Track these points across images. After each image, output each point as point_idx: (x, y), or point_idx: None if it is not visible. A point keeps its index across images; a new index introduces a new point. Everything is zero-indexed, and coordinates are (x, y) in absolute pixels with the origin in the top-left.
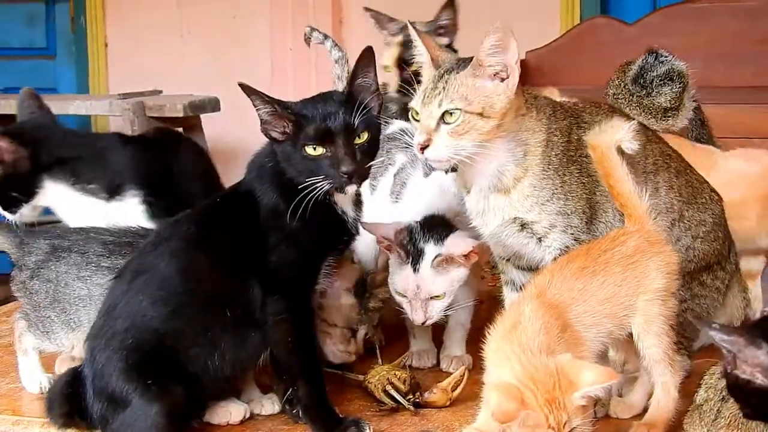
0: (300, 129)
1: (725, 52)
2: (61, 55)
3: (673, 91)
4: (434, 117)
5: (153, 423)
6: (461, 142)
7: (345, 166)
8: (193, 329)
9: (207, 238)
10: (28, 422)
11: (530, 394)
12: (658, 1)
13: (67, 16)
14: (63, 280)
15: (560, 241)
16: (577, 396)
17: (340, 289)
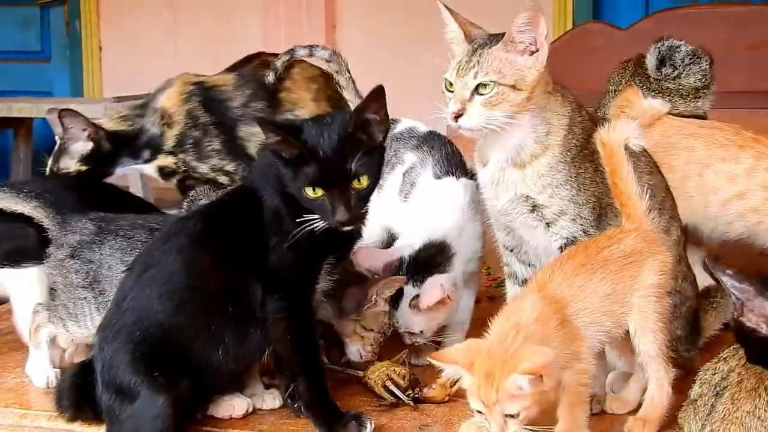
0: (302, 163)
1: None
2: (56, 58)
3: (702, 69)
4: (469, 88)
5: (159, 414)
6: (493, 112)
7: (340, 215)
8: (196, 324)
9: (212, 235)
10: (35, 415)
11: (479, 361)
12: (650, 6)
13: (61, 20)
14: (107, 262)
15: (568, 230)
16: (508, 381)
17: (381, 297)
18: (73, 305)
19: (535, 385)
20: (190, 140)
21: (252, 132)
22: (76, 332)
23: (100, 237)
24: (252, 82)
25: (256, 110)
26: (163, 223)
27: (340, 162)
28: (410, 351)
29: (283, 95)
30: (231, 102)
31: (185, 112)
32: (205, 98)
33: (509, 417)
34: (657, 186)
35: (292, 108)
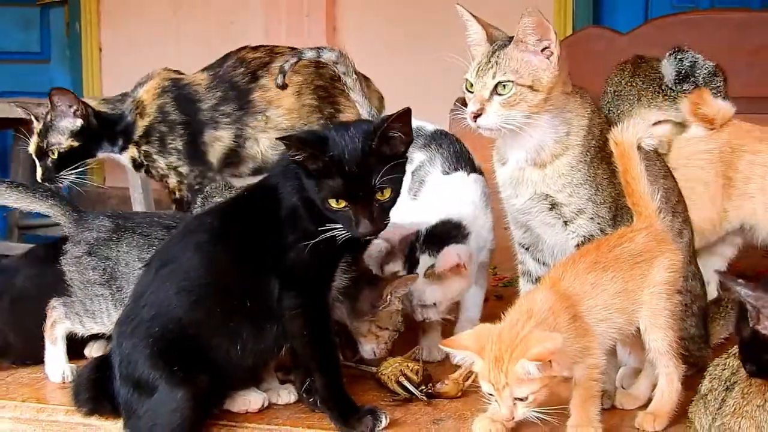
0: (326, 175)
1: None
2: (56, 59)
3: (718, 84)
4: (488, 88)
5: (178, 408)
6: (512, 112)
7: (363, 228)
8: (214, 319)
9: (230, 231)
10: (52, 410)
11: (489, 346)
12: (650, 12)
13: (61, 21)
14: (124, 259)
15: (586, 228)
16: (516, 366)
17: (395, 297)
18: (90, 302)
19: (544, 370)
20: (157, 134)
21: (216, 136)
22: (93, 328)
23: (117, 234)
24: (224, 83)
25: (223, 114)
26: (179, 220)
27: (364, 176)
28: (422, 347)
29: (256, 95)
30: (201, 104)
31: (157, 106)
32: (178, 95)
33: (519, 400)
34: (671, 189)
35: (266, 108)
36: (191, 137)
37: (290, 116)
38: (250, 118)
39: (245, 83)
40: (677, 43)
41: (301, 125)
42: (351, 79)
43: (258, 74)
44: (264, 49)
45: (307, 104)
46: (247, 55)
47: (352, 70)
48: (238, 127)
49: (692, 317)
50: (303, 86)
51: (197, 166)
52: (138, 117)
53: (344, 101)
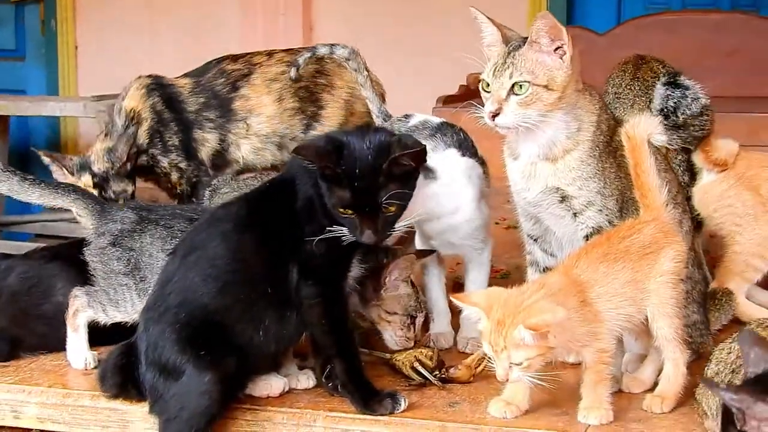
0: (338, 184)
1: (692, 63)
2: (31, 56)
3: (702, 123)
4: (505, 88)
5: (207, 390)
6: (528, 111)
7: (366, 238)
8: (239, 306)
9: (254, 221)
10: (78, 395)
11: (495, 308)
12: (622, 13)
13: (37, 18)
14: (147, 250)
15: (594, 219)
16: (514, 331)
17: (399, 280)
18: (114, 291)
19: (540, 340)
20: (158, 135)
21: (204, 137)
22: (116, 317)
23: (141, 226)
24: (207, 91)
25: (207, 119)
26: (201, 213)
27: (372, 192)
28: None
29: (237, 105)
30: (186, 105)
31: (149, 107)
32: (164, 94)
33: (514, 364)
34: (671, 182)
35: (246, 116)
36: (184, 133)
37: (271, 123)
38: (233, 125)
39: (226, 93)
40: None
41: (284, 129)
42: (362, 77)
43: (238, 84)
44: (243, 61)
45: (289, 108)
46: (227, 67)
47: (364, 67)
48: (221, 133)
49: (693, 303)
50: (283, 91)
51: (192, 161)
52: (137, 126)
53: (327, 96)
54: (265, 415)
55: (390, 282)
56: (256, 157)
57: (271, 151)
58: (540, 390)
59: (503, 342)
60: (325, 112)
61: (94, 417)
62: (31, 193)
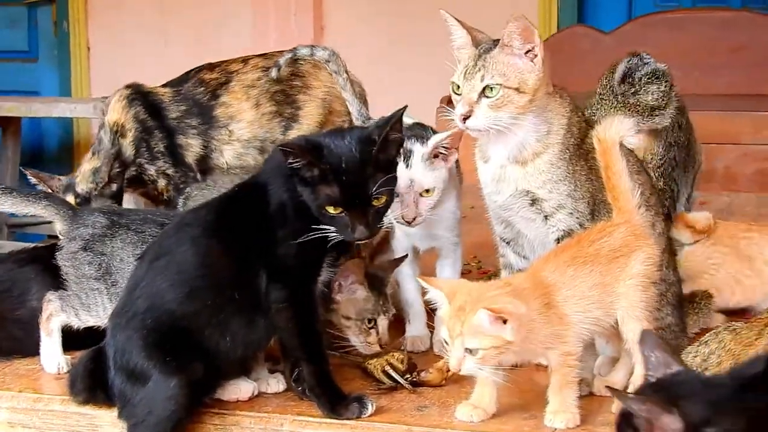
0: (323, 183)
1: (699, 61)
2: (44, 58)
3: (660, 90)
4: (476, 90)
5: (172, 395)
6: (499, 113)
7: (358, 234)
8: (205, 311)
9: (222, 226)
10: (49, 399)
11: (459, 296)
12: (633, 11)
13: (49, 20)
14: (118, 255)
15: (565, 222)
16: (471, 317)
17: (355, 284)
18: (85, 296)
19: (497, 328)
20: (143, 144)
21: (188, 143)
22: (89, 321)
23: (112, 231)
24: (187, 99)
25: (189, 126)
26: (172, 218)
27: (361, 184)
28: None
29: (219, 111)
30: (168, 112)
31: (132, 117)
32: (145, 102)
33: (468, 352)
34: (644, 184)
35: (228, 122)
36: (169, 140)
37: (251, 128)
38: (215, 131)
39: (207, 100)
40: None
41: (263, 133)
42: (342, 78)
43: (218, 92)
44: (219, 69)
45: (267, 112)
46: (205, 77)
47: (344, 69)
48: (204, 139)
49: (667, 306)
50: (260, 97)
51: (179, 167)
52: (121, 138)
53: (303, 97)
54: (233, 419)
55: (346, 286)
56: (239, 161)
57: (252, 156)
58: (508, 394)
59: (460, 327)
60: (302, 112)
61: (64, 422)
62: (3, 202)
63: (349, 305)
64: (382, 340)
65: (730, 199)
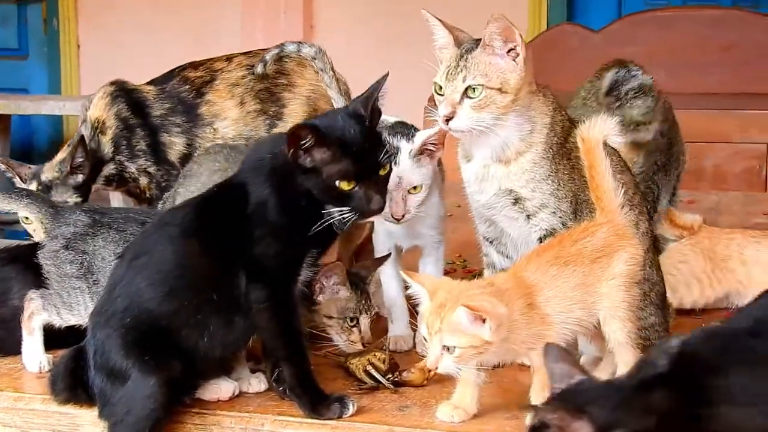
0: (333, 160)
1: (689, 59)
2: (33, 55)
3: (646, 105)
4: (458, 91)
5: (150, 394)
6: (482, 114)
7: (376, 204)
8: (184, 311)
9: (200, 226)
10: (29, 398)
11: (440, 293)
12: (623, 8)
13: (39, 18)
14: (100, 254)
15: (548, 221)
16: (450, 314)
17: (338, 284)
18: (67, 294)
19: (476, 327)
20: (124, 142)
21: (171, 141)
22: (70, 320)
23: (94, 229)
24: (172, 98)
25: (174, 123)
26: (154, 216)
27: (368, 155)
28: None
29: (203, 109)
30: (151, 110)
31: (114, 115)
32: (129, 99)
33: (446, 350)
34: (627, 183)
35: (212, 121)
36: (152, 137)
37: (236, 126)
38: (200, 129)
39: (191, 98)
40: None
41: (248, 132)
42: (328, 76)
43: (203, 90)
44: (204, 68)
45: (252, 110)
46: (190, 75)
47: (330, 67)
48: (188, 137)
49: (651, 306)
50: (245, 95)
51: (162, 164)
52: (101, 135)
53: (288, 95)
54: (213, 419)
55: (328, 287)
56: None
57: None
58: (490, 393)
59: (439, 324)
60: (287, 110)
61: (45, 421)
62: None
63: (331, 305)
64: (364, 338)
65: (718, 198)
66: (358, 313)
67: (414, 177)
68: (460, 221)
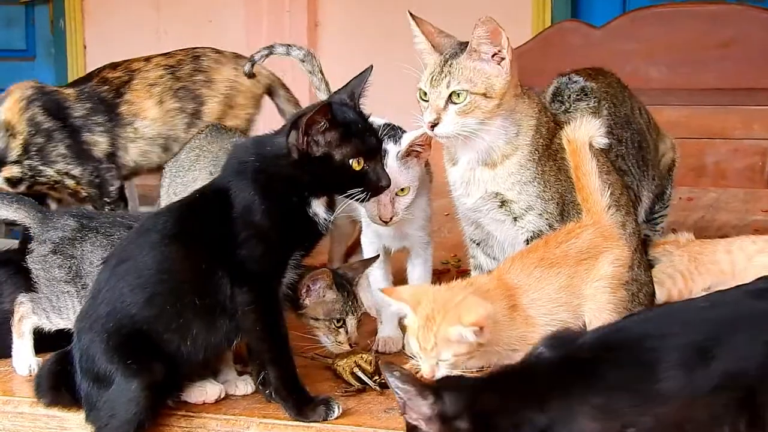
0: (343, 141)
1: (689, 55)
2: (41, 56)
3: (590, 107)
4: (443, 97)
5: (133, 397)
6: (467, 119)
7: (384, 180)
8: (165, 316)
9: (181, 231)
10: (18, 402)
11: (424, 303)
12: (627, 5)
13: (46, 19)
14: (88, 258)
15: (535, 223)
16: (451, 331)
17: (322, 288)
18: (56, 298)
19: (478, 336)
20: (35, 147)
21: (94, 140)
22: (60, 323)
23: (82, 234)
24: (92, 98)
25: (96, 123)
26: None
27: (372, 134)
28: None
29: (123, 109)
30: (72, 111)
31: (26, 120)
32: (46, 102)
33: (441, 361)
34: (614, 184)
35: (133, 120)
36: (72, 139)
37: (155, 125)
38: (121, 129)
39: (111, 98)
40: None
41: (167, 130)
42: (317, 79)
43: (122, 90)
44: (122, 68)
45: (171, 108)
46: (108, 75)
47: (318, 70)
48: (111, 136)
49: (639, 306)
50: (163, 94)
51: (89, 163)
52: (10, 138)
53: (206, 92)
54: (199, 421)
55: (313, 290)
56: (143, 159)
57: (157, 153)
58: None
59: (434, 339)
60: (205, 108)
61: (33, 424)
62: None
63: (318, 307)
64: (351, 339)
65: (717, 194)
66: (344, 314)
67: (401, 179)
68: (454, 221)
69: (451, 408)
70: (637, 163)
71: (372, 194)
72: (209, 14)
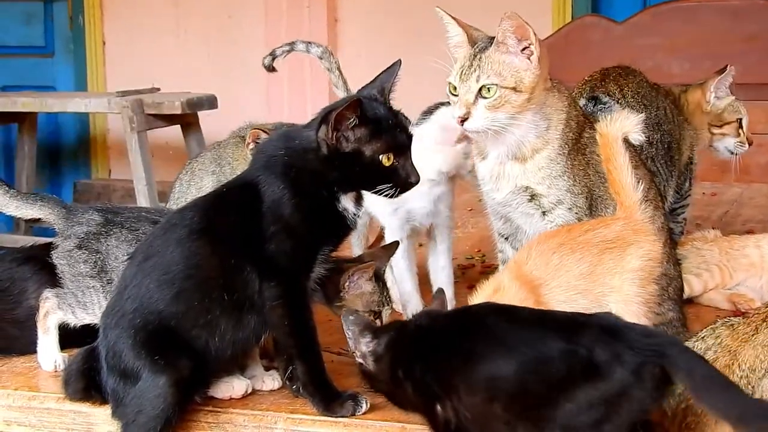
0: (372, 137)
1: (712, 50)
2: (59, 53)
3: None
4: (473, 92)
5: (160, 393)
6: (497, 114)
7: (414, 177)
8: (193, 312)
9: (209, 226)
10: (44, 397)
11: None
12: (648, 2)
13: (65, 15)
14: (113, 253)
15: (564, 217)
16: None
17: (363, 280)
18: (81, 293)
19: None
20: None
21: None
22: (85, 319)
23: (107, 228)
24: None
25: None
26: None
27: (402, 129)
28: None
29: None
30: None
31: None
32: None
33: None
34: (642, 178)
35: None
36: None
37: None
38: None
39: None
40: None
41: None
42: (335, 76)
43: None
44: None
45: None
46: None
47: (336, 67)
48: None
49: (669, 301)
50: None
51: None
52: None
53: None
54: (226, 417)
55: (353, 283)
56: None
57: None
58: None
59: None
60: None
61: (59, 420)
62: (8, 206)
63: (357, 300)
64: None
65: (741, 190)
66: (381, 306)
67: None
68: (480, 215)
69: (381, 349)
70: (665, 164)
71: (401, 191)
72: (229, 10)
